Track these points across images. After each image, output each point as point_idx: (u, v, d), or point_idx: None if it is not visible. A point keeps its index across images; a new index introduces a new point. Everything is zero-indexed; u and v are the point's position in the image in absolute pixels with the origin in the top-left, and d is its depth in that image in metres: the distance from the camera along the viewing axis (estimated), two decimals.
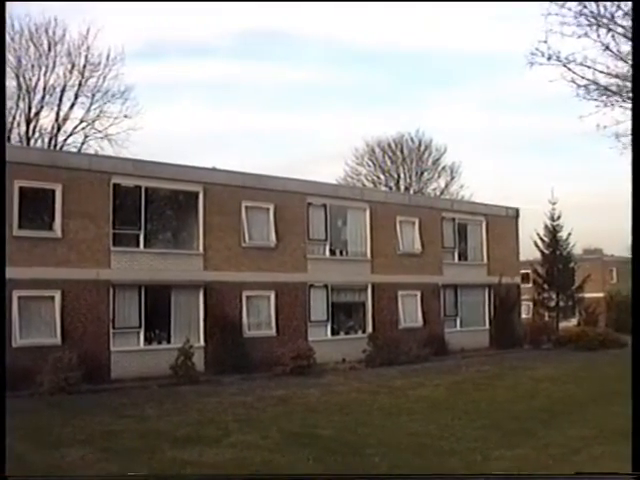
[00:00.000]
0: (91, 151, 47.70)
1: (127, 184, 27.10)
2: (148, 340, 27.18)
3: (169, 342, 27.40)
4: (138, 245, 27.45)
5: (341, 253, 34.44)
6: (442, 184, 70.65)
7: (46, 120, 48.32)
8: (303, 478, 11.59)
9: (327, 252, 33.49)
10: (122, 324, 26.39)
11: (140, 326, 26.76)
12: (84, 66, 49.33)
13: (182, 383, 24.28)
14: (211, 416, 17.99)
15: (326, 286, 32.69)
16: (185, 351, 25.58)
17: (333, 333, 32.88)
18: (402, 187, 68.75)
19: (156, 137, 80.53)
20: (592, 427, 16.24)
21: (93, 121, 50.43)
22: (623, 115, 21.25)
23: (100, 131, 50.38)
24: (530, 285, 54.81)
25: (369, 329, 33.71)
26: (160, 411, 18.76)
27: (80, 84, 49.39)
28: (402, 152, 69.96)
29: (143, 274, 26.93)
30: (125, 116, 50.56)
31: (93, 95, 50.12)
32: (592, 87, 21.24)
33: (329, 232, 33.40)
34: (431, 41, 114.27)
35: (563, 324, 49.69)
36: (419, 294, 36.41)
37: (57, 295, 24.74)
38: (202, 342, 28.03)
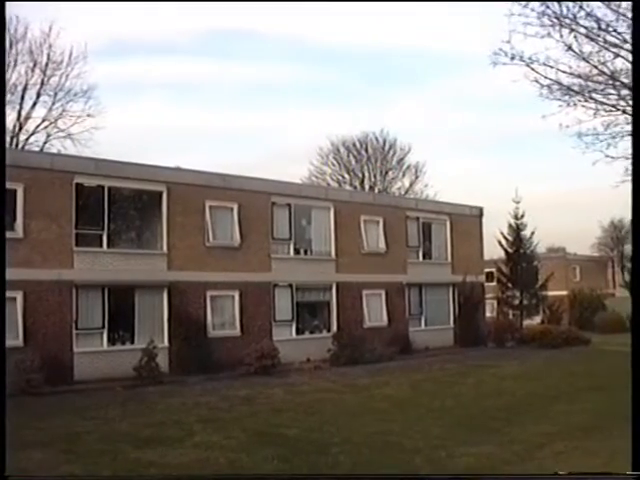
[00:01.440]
0: (53, 150, 47.39)
1: (90, 184, 26.90)
2: (112, 341, 26.98)
3: (133, 343, 27.22)
4: (101, 245, 27.25)
5: (305, 252, 34.42)
6: (406, 183, 71.03)
7: (8, 119, 47.86)
8: (303, 478, 11.58)
9: (291, 251, 33.45)
10: (85, 325, 26.20)
11: (103, 327, 26.56)
12: (46, 64, 48.95)
13: (146, 384, 24.15)
14: (175, 417, 17.92)
15: (291, 285, 32.65)
16: (149, 352, 25.47)
17: (298, 332, 32.85)
18: (367, 186, 68.93)
19: (119, 136, 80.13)
20: (555, 423, 16.41)
21: (55, 120, 50.07)
22: (585, 115, 21.41)
23: (63, 130, 50.03)
24: (494, 284, 55.05)
25: (334, 328, 33.70)
26: (123, 412, 18.65)
27: (42, 82, 48.99)
28: (367, 151, 70.17)
29: (106, 274, 26.75)
30: (88, 115, 50.24)
31: (55, 94, 49.74)
32: (555, 87, 21.34)
33: (293, 231, 33.37)
34: (395, 40, 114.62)
35: (527, 322, 49.98)
36: (384, 293, 36.48)
37: (19, 296, 24.47)
38: (166, 342, 27.87)
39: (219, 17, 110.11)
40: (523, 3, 19.83)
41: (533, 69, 20.97)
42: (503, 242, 53.29)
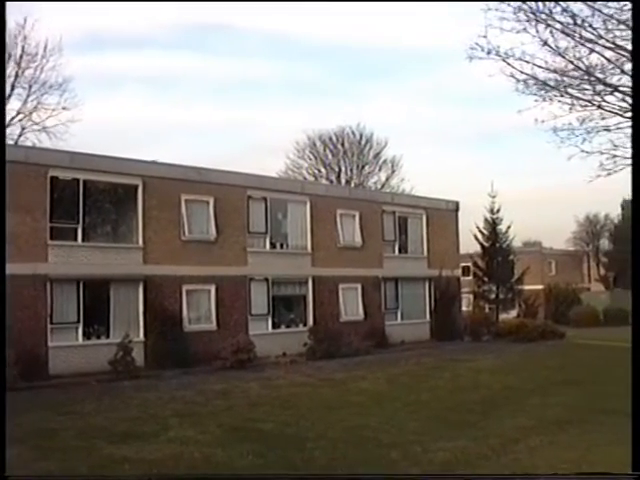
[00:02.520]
0: (28, 143, 46.89)
1: (65, 177, 26.73)
2: (87, 335, 26.85)
3: (108, 337, 27.11)
4: (76, 239, 27.10)
5: (281, 246, 34.39)
6: (383, 177, 71.09)
7: None
8: (303, 478, 11.56)
9: (267, 245, 33.41)
10: (60, 319, 26.06)
11: (78, 321, 26.43)
12: (21, 57, 48.43)
13: (121, 378, 24.05)
14: (150, 411, 17.85)
15: (267, 279, 32.61)
16: (124, 346, 25.37)
17: (274, 326, 32.82)
18: (343, 180, 68.94)
19: (95, 129, 79.68)
20: (530, 417, 16.48)
21: (30, 113, 49.59)
22: (560, 110, 21.50)
23: (37, 123, 49.58)
24: (470, 278, 55.31)
25: (310, 322, 33.71)
26: (99, 407, 18.56)
27: (17, 75, 48.49)
28: (343, 145, 70.16)
29: (81, 268, 26.61)
30: (63, 108, 49.78)
31: (30, 86, 49.25)
32: (531, 82, 21.43)
33: (269, 225, 33.33)
34: (373, 35, 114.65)
35: (503, 316, 50.25)
36: (360, 287, 36.50)
37: None
38: (142, 337, 27.77)
39: (198, 11, 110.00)
40: None
41: (509, 64, 21.06)
42: (479, 236, 53.54)
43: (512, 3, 20.09)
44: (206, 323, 30.11)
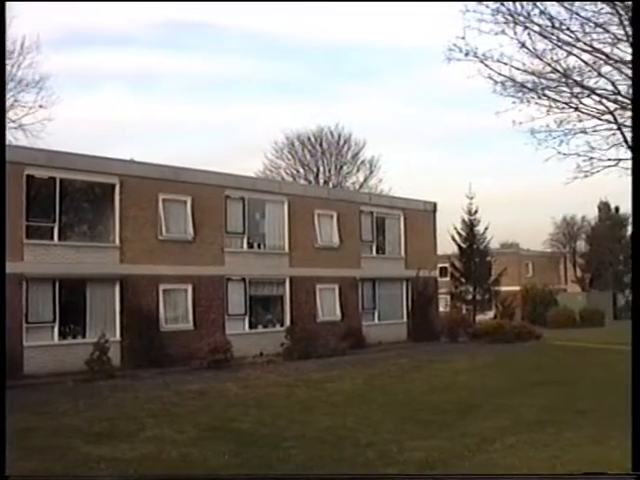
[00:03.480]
0: None
1: (41, 175, 26.57)
2: (63, 335, 26.72)
3: (84, 337, 27.00)
4: (52, 238, 26.97)
5: (259, 246, 34.35)
6: (361, 178, 71.08)
7: None
8: (303, 478, 11.53)
9: (245, 245, 33.39)
10: (36, 318, 25.91)
11: (54, 320, 26.30)
12: None
13: (97, 378, 23.92)
14: (127, 411, 17.79)
15: (244, 279, 32.58)
16: (100, 346, 25.26)
17: (251, 326, 32.79)
18: (321, 181, 68.92)
19: (73, 128, 79.22)
20: (507, 417, 16.53)
21: (7, 110, 49.32)
22: (538, 112, 21.60)
23: (14, 121, 49.22)
24: (448, 279, 55.51)
25: (287, 322, 33.69)
26: (75, 407, 18.46)
27: None
28: (321, 146, 70.13)
29: (57, 267, 26.47)
30: (40, 106, 49.33)
31: (6, 84, 49.00)
32: (509, 83, 21.50)
33: (247, 225, 33.30)
34: (352, 35, 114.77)
35: (480, 317, 50.46)
36: (337, 287, 36.54)
37: None
38: (118, 336, 27.67)
39: (178, 9, 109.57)
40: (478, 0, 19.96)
41: (487, 65, 21.14)
42: (457, 237, 53.83)
43: (490, 5, 20.18)
44: (183, 323, 30.05)
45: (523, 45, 20.69)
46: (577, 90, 21.28)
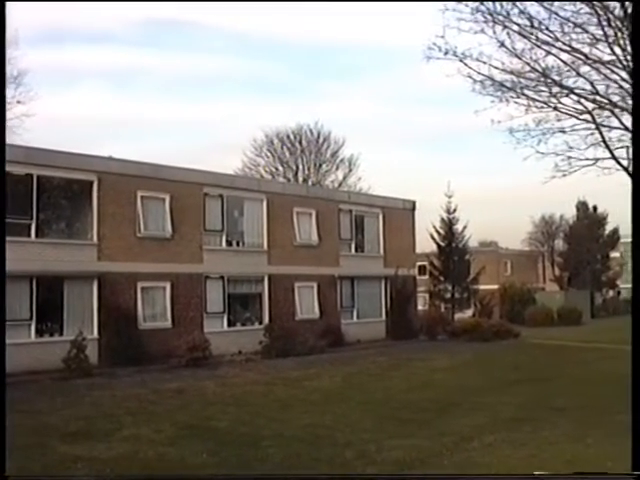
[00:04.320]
0: None
1: (18, 172, 26.34)
2: (40, 332, 26.58)
3: (61, 334, 26.87)
4: (30, 235, 26.80)
5: (238, 244, 34.29)
6: (340, 176, 71.00)
7: None
8: (303, 478, 11.50)
9: (223, 243, 33.32)
10: (12, 316, 25.62)
11: (31, 318, 26.15)
12: None
13: (75, 376, 23.80)
14: (104, 410, 17.71)
15: (222, 277, 32.52)
16: (78, 343, 25.12)
17: (229, 324, 32.75)
18: (300, 179, 68.83)
19: (51, 124, 78.91)
20: (484, 415, 16.57)
21: None
22: (517, 111, 21.66)
23: None
24: (426, 277, 55.57)
25: (266, 320, 33.67)
26: (52, 406, 18.36)
27: None
28: (301, 144, 70.03)
29: (35, 265, 26.29)
30: (18, 102, 49.17)
31: None
32: (488, 82, 21.57)
33: (226, 223, 33.23)
34: (332, 34, 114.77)
35: (458, 315, 50.52)
36: (316, 285, 36.54)
37: None
38: (96, 334, 27.55)
39: (158, 7, 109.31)
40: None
41: (466, 64, 21.19)
42: (435, 236, 53.95)
43: (470, 4, 20.21)
44: (161, 321, 29.97)
45: (502, 44, 20.77)
46: (556, 89, 21.37)
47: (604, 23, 19.71)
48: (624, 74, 20.17)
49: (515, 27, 20.54)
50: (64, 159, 27.82)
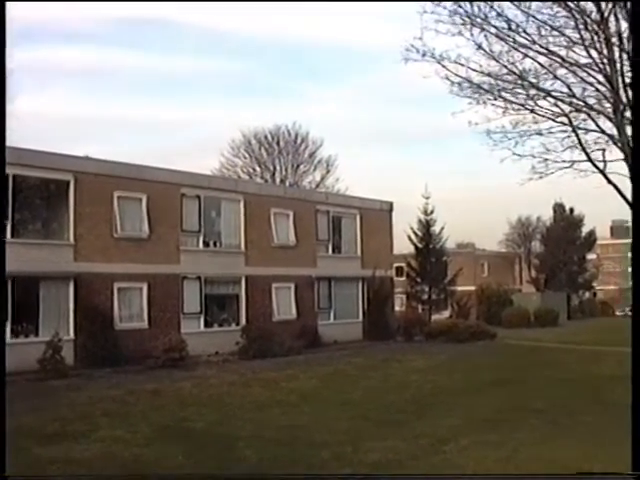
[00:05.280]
0: None
1: None
2: (15, 333, 26.37)
3: (37, 335, 26.72)
4: (5, 235, 26.61)
5: (215, 245, 34.24)
6: (318, 177, 71.07)
7: None
8: (303, 477, 11.47)
9: (201, 244, 33.27)
10: None
11: (6, 319, 25.96)
12: None
13: (51, 377, 23.66)
14: (80, 411, 17.61)
15: (199, 278, 32.45)
16: (54, 344, 24.98)
17: (206, 325, 32.70)
18: (278, 179, 68.78)
19: (26, 124, 78.41)
20: (461, 417, 16.61)
21: None
22: (494, 113, 21.71)
23: None
24: (404, 278, 55.67)
25: (243, 321, 33.65)
26: (27, 407, 18.20)
27: None
28: (278, 144, 69.98)
29: (10, 265, 25.93)
30: None
31: None
32: (465, 84, 21.59)
33: (203, 223, 33.17)
34: (311, 34, 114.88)
35: (435, 316, 50.65)
36: (293, 286, 36.54)
37: None
38: (72, 335, 27.42)
39: (133, 6, 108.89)
40: (435, 2, 20.02)
41: (444, 66, 21.21)
42: (413, 237, 54.08)
43: (448, 6, 20.25)
44: (138, 321, 29.87)
45: (480, 47, 20.82)
46: (533, 92, 21.45)
47: (581, 26, 19.82)
48: (600, 77, 20.31)
49: (493, 30, 20.61)
50: (40, 159, 27.66)
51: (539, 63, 20.93)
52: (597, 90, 20.76)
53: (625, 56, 19.58)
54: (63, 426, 15.57)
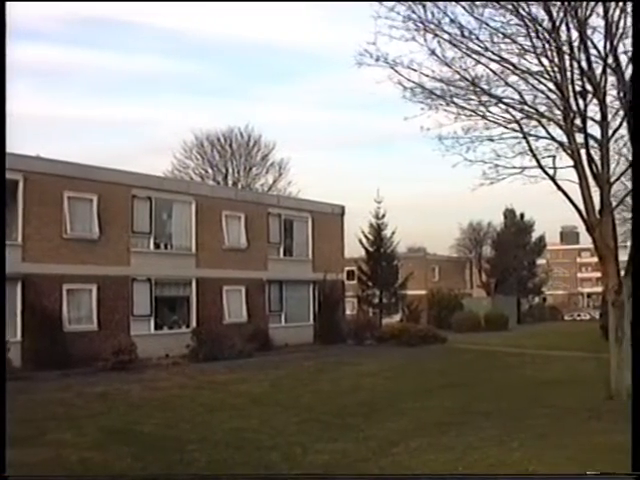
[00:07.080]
0: None
1: None
2: None
3: None
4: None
5: (166, 247, 34.06)
6: (270, 180, 70.86)
7: None
8: (299, 477, 11.39)
9: (151, 245, 33.07)
10: None
11: None
12: None
13: None
14: (26, 414, 17.36)
15: (150, 280, 32.25)
16: None
17: (156, 328, 32.49)
18: (230, 182, 68.53)
19: None
20: (411, 420, 16.71)
21: None
22: (446, 118, 21.76)
23: None
24: (355, 282, 55.74)
25: (193, 324, 33.51)
26: None
27: None
28: (231, 147, 69.69)
29: None
30: None
31: None
32: (418, 90, 21.58)
33: (154, 225, 32.98)
34: (267, 36, 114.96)
35: (386, 320, 50.73)
36: (244, 289, 36.48)
37: None
38: (19, 337, 27.05)
39: (92, 6, 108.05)
40: (389, 5, 20.03)
41: (397, 71, 21.18)
42: (364, 241, 54.13)
43: (402, 12, 20.27)
44: (87, 323, 29.58)
45: (433, 52, 20.85)
46: (485, 98, 21.53)
47: (532, 35, 19.94)
48: (551, 85, 20.44)
49: (446, 36, 20.64)
50: None
51: (491, 70, 21.03)
52: (548, 98, 20.89)
53: (576, 64, 19.77)
54: (8, 430, 15.33)
